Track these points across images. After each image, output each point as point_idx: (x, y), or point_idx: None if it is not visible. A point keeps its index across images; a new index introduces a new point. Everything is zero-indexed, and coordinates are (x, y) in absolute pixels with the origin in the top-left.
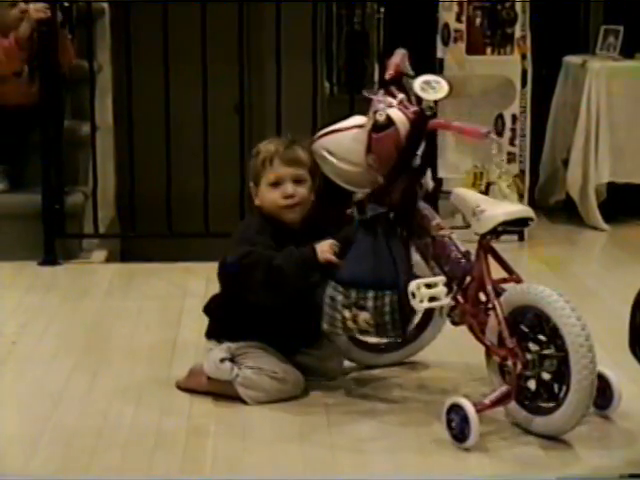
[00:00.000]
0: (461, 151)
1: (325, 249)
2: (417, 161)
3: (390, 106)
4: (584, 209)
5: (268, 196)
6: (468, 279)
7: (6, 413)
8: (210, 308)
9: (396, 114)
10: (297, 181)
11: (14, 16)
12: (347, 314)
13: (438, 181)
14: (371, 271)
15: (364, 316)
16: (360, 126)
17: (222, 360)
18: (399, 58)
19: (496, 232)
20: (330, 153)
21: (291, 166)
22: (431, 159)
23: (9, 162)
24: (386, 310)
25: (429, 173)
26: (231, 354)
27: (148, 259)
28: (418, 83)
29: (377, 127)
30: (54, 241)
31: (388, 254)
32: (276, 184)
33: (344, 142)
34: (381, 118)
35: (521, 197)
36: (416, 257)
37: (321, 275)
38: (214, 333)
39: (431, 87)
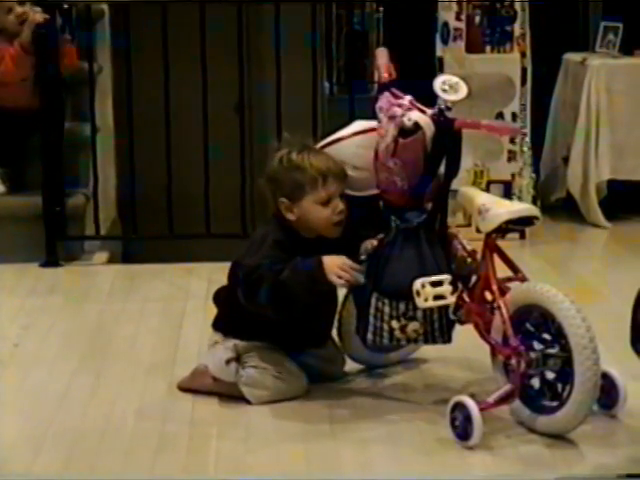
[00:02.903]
0: None
1: (333, 269)
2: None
3: (409, 109)
4: (585, 207)
5: (317, 214)
6: (474, 278)
7: (9, 415)
8: (219, 299)
9: (422, 118)
10: (341, 195)
11: (12, 22)
12: (395, 325)
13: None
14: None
15: (413, 326)
16: (362, 132)
17: (228, 362)
18: (386, 57)
19: (501, 230)
20: None
21: (341, 182)
22: (459, 159)
23: (9, 165)
24: (435, 317)
25: None
26: (237, 352)
27: (150, 260)
28: (438, 84)
29: (404, 132)
30: (55, 243)
31: (433, 260)
32: (327, 202)
33: (349, 149)
34: (409, 123)
35: (534, 201)
36: None
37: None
38: (221, 325)
39: (452, 88)
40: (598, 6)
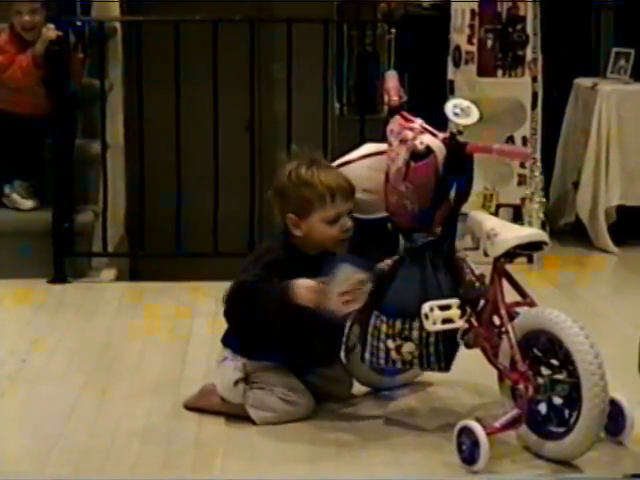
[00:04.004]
0: None
1: (301, 292)
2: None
3: (421, 133)
4: (594, 232)
5: (324, 232)
6: (482, 302)
7: (16, 431)
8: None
9: (434, 142)
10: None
11: (20, 24)
12: (391, 344)
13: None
14: (417, 301)
15: (408, 347)
16: (373, 154)
17: (236, 382)
18: (395, 81)
19: (510, 255)
20: None
21: (349, 200)
22: (471, 184)
23: (30, 177)
24: (431, 341)
25: None
26: (245, 372)
27: (157, 278)
28: (450, 108)
29: (416, 156)
30: (64, 259)
31: (435, 283)
32: (335, 220)
33: (359, 172)
34: (421, 147)
35: (544, 226)
36: None
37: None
38: (230, 341)
39: (464, 112)
40: (610, 32)
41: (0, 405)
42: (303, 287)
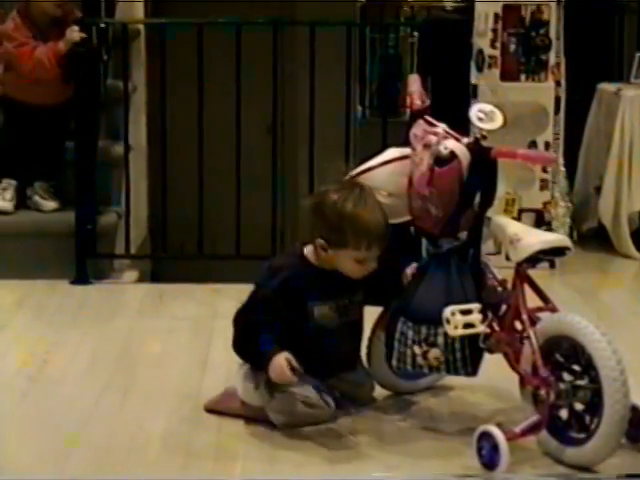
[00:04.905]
0: None
1: (276, 369)
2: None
3: (445, 138)
4: (616, 237)
5: (348, 266)
6: (504, 307)
7: (36, 431)
8: None
9: (458, 147)
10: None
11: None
12: (417, 350)
13: None
14: (443, 307)
15: (435, 353)
16: (396, 159)
17: (257, 386)
18: (418, 85)
19: (532, 260)
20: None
21: (383, 245)
22: (495, 189)
23: (51, 177)
24: (457, 346)
25: None
26: (267, 377)
27: (179, 280)
28: (474, 112)
29: (440, 161)
30: (86, 260)
31: (460, 289)
32: (363, 261)
33: (384, 177)
34: (445, 152)
35: (571, 231)
36: None
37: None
38: None
39: (488, 117)
40: (633, 37)
41: (21, 406)
42: (279, 366)
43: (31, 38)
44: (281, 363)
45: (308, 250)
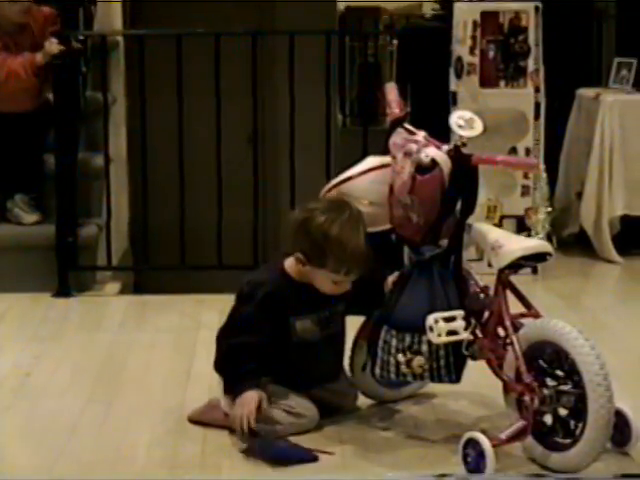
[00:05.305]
0: None
1: (238, 410)
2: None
3: (425, 146)
4: (598, 242)
5: (323, 284)
6: (486, 314)
7: (20, 445)
8: None
9: (439, 155)
10: None
11: (15, 12)
12: (401, 358)
13: None
14: (426, 314)
15: (419, 360)
16: (375, 168)
17: None
18: (395, 93)
19: (514, 266)
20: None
21: (360, 272)
22: (476, 195)
23: (32, 190)
24: (441, 354)
25: None
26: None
27: (161, 291)
28: (454, 120)
29: (422, 169)
30: (68, 273)
31: (444, 296)
32: (338, 282)
33: (363, 186)
34: (427, 160)
35: (549, 237)
36: None
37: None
38: None
39: (468, 124)
40: (612, 42)
41: (4, 419)
42: (246, 403)
43: (2, 49)
44: (249, 405)
45: (288, 264)
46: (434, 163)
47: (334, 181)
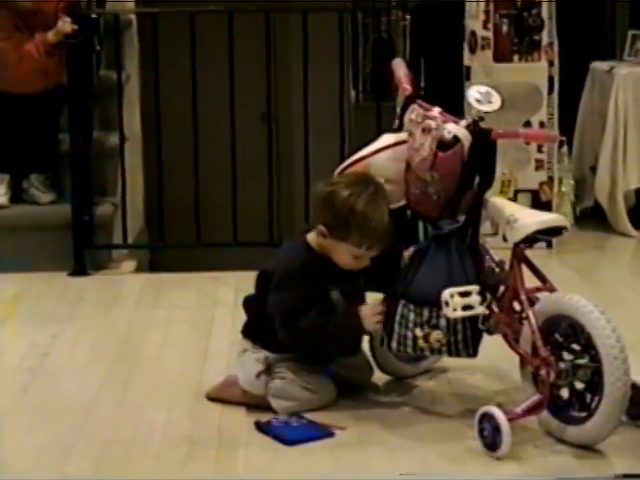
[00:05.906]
0: None
1: (370, 318)
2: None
3: (444, 122)
4: (613, 215)
5: (342, 258)
6: (502, 288)
7: (38, 424)
8: (248, 306)
9: (460, 131)
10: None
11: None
12: (419, 333)
13: None
14: (444, 288)
15: (437, 335)
16: (391, 146)
17: (258, 375)
18: (404, 69)
19: (530, 240)
20: None
21: (381, 248)
22: (494, 170)
23: (49, 169)
24: (459, 328)
25: None
26: (267, 364)
27: (177, 269)
28: (472, 94)
29: (444, 145)
30: (84, 252)
31: (461, 270)
32: (358, 257)
33: (379, 164)
34: (449, 136)
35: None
36: None
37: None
38: (250, 333)
39: (485, 98)
40: (626, 15)
41: (22, 399)
42: (370, 314)
43: (14, 30)
44: (368, 310)
45: (311, 237)
46: (456, 139)
47: (349, 160)
